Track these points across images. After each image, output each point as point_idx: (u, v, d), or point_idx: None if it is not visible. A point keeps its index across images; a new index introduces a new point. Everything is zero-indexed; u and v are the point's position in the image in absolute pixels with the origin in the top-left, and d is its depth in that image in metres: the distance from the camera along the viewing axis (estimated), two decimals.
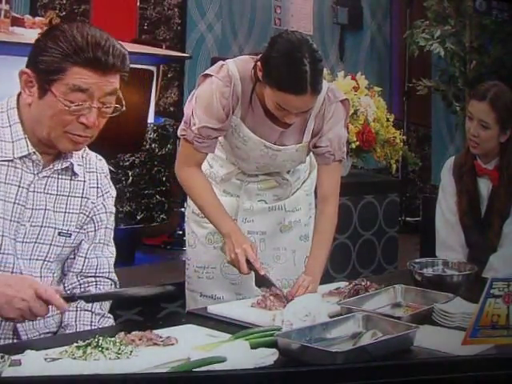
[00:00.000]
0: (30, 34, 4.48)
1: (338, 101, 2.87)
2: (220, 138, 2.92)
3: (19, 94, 2.25)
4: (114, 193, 2.44)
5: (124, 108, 2.21)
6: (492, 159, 3.30)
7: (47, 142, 2.22)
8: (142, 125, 4.64)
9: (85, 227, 2.37)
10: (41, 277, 2.29)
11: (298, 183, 3.08)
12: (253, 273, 2.72)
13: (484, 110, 3.22)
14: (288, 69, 2.63)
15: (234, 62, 2.83)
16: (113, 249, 2.46)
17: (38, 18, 4.83)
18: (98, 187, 2.39)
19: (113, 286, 2.45)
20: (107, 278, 2.43)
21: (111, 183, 2.44)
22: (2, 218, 2.21)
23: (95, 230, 2.39)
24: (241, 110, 2.83)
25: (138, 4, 6.61)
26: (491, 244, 3.28)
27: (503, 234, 3.27)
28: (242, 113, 2.84)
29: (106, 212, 2.40)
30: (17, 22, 4.66)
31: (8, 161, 2.22)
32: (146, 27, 6.70)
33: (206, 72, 2.85)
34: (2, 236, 2.21)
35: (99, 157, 2.43)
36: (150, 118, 4.90)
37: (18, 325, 2.24)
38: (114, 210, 2.44)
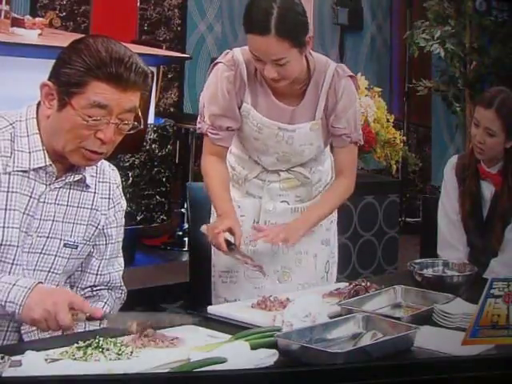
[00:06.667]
0: (30, 35, 4.47)
1: (346, 75, 2.90)
2: (240, 138, 2.94)
3: (38, 104, 2.23)
4: (124, 204, 2.43)
5: (142, 126, 2.20)
6: (496, 163, 3.30)
7: (62, 154, 2.20)
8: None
9: (93, 240, 2.35)
10: None
11: (320, 185, 3.05)
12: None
13: (490, 118, 3.21)
14: (255, 8, 2.69)
15: (239, 49, 2.88)
16: (121, 260, 2.46)
17: (38, 19, 4.81)
18: (109, 198, 2.37)
19: (123, 294, 2.46)
20: (118, 288, 2.44)
21: (122, 194, 2.42)
22: (13, 228, 2.19)
23: (106, 245, 2.38)
24: (250, 95, 2.85)
25: (138, 4, 6.61)
26: (492, 248, 3.27)
27: (505, 239, 3.26)
28: (252, 98, 2.86)
29: (116, 226, 2.40)
30: (17, 23, 4.64)
31: (23, 171, 2.20)
32: (146, 28, 6.71)
33: (216, 61, 2.90)
34: (17, 247, 2.20)
35: (112, 166, 2.41)
36: (150, 119, 4.90)
37: (23, 331, 2.22)
38: (123, 222, 2.43)
